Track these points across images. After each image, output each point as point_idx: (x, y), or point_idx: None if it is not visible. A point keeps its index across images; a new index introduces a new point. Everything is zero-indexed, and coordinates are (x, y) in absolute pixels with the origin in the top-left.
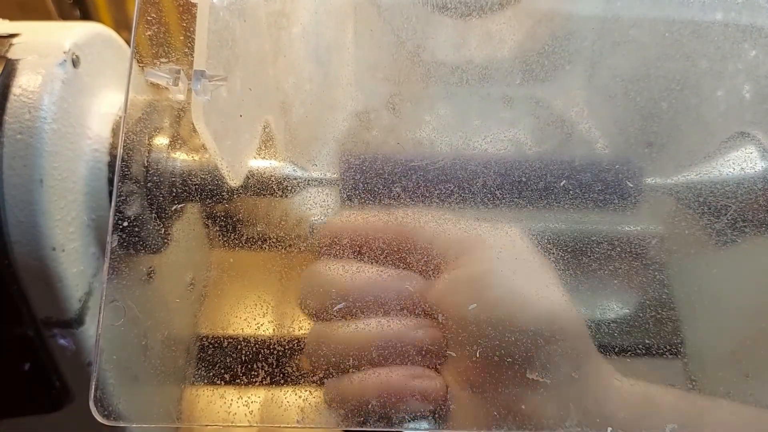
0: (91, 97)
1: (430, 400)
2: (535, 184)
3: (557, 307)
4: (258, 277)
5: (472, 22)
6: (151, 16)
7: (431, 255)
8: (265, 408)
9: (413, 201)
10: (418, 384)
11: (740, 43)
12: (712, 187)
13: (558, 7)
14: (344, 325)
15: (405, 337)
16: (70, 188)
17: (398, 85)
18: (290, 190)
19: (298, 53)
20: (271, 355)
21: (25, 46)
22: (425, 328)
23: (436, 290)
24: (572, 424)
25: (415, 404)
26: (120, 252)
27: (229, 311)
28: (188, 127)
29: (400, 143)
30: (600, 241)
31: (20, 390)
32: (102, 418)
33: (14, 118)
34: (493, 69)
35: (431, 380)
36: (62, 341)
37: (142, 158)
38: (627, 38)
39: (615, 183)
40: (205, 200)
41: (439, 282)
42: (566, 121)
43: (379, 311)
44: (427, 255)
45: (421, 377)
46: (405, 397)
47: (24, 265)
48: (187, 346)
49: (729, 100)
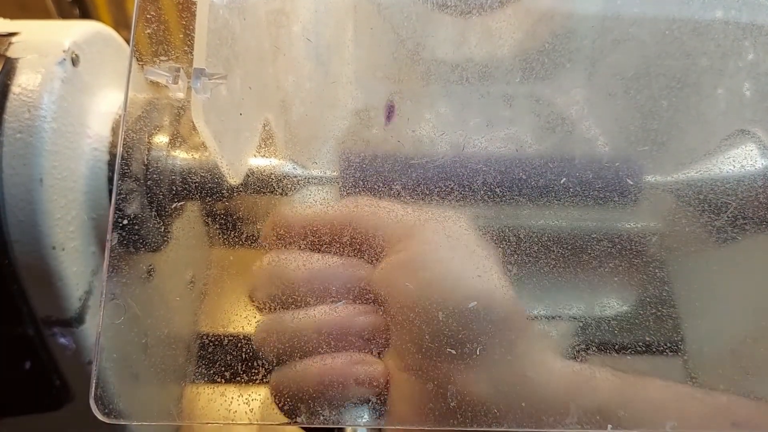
0: (90, 95)
1: (370, 386)
2: (535, 181)
3: (489, 286)
4: None
5: (472, 20)
6: (150, 14)
7: (376, 241)
8: (265, 406)
9: (413, 199)
10: (357, 369)
11: (740, 41)
12: (713, 185)
13: (558, 5)
14: (290, 316)
15: (347, 324)
16: (70, 187)
17: (398, 83)
18: (290, 188)
19: (298, 51)
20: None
21: (24, 45)
22: (367, 314)
23: (376, 274)
24: (572, 422)
25: (355, 390)
26: (120, 250)
27: (229, 309)
28: (188, 125)
29: (400, 141)
30: (600, 238)
31: (20, 389)
32: (103, 416)
33: (14, 116)
34: (493, 67)
35: (371, 365)
36: (62, 340)
37: (142, 156)
38: (627, 36)
39: (615, 181)
40: (205, 198)
41: (381, 266)
42: (566, 119)
43: (326, 300)
44: (372, 242)
45: (362, 363)
46: (345, 383)
47: (24, 264)
48: (188, 344)
49: (729, 98)
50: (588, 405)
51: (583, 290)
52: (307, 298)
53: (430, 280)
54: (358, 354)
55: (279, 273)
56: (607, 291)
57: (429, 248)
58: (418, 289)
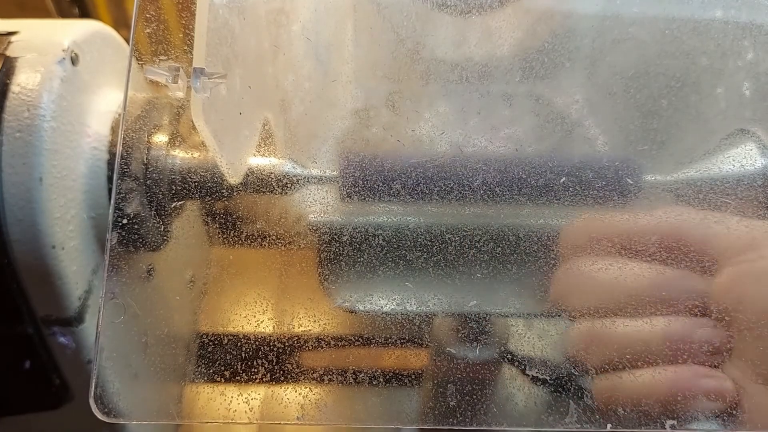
0: (90, 94)
1: (721, 400)
2: (535, 181)
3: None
4: (258, 274)
5: (471, 19)
6: (150, 13)
7: (706, 253)
8: (265, 405)
9: (413, 198)
10: (706, 383)
11: (740, 40)
12: (712, 184)
13: (558, 4)
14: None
15: (689, 336)
16: (70, 186)
17: (398, 82)
18: (290, 187)
19: (298, 51)
20: (271, 352)
21: (24, 44)
22: (708, 327)
23: (718, 286)
24: (572, 421)
25: (705, 404)
26: (120, 249)
27: (228, 308)
28: (187, 124)
29: (399, 141)
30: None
31: (20, 388)
32: (102, 415)
33: (13, 116)
34: (493, 66)
35: (721, 380)
36: (62, 339)
37: (142, 156)
38: (627, 36)
39: (615, 180)
40: (205, 197)
41: (722, 278)
42: (566, 118)
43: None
44: (701, 254)
45: (710, 377)
46: (694, 396)
47: (24, 263)
48: (187, 344)
49: (729, 98)
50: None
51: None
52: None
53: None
54: (704, 367)
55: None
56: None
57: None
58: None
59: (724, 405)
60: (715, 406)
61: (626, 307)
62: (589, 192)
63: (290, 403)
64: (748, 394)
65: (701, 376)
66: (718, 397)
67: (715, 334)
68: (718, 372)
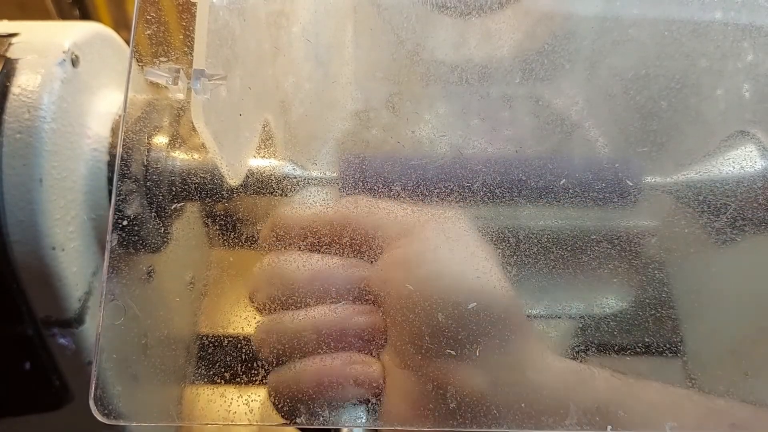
0: (90, 96)
1: (368, 386)
2: (534, 182)
3: (489, 287)
4: None
5: (471, 21)
6: (150, 15)
7: (376, 241)
8: (265, 407)
9: (413, 200)
10: (355, 370)
11: (740, 42)
12: (712, 186)
13: (558, 6)
14: (290, 316)
15: (345, 324)
16: (70, 187)
17: (398, 84)
18: (290, 189)
19: (298, 52)
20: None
21: (24, 46)
22: (365, 314)
23: (374, 272)
24: (572, 423)
25: (352, 390)
26: (120, 251)
27: (229, 310)
28: (188, 126)
29: (399, 142)
30: (600, 239)
31: (20, 389)
32: (102, 417)
33: (13, 117)
34: (493, 68)
35: (369, 366)
36: (62, 340)
37: (142, 157)
38: (626, 37)
39: (615, 182)
40: (205, 199)
41: (378, 264)
42: (566, 120)
43: (326, 300)
44: (372, 241)
45: (359, 363)
46: (343, 383)
47: (24, 264)
48: (187, 345)
49: (728, 99)
50: (587, 405)
51: (583, 291)
52: (307, 298)
53: (428, 278)
54: (355, 354)
55: (279, 274)
56: (606, 292)
57: (428, 247)
58: (416, 286)
59: (370, 391)
60: (359, 392)
61: (295, 300)
62: (588, 193)
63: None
64: (393, 380)
65: (350, 363)
66: (363, 383)
67: (369, 321)
68: (367, 358)
